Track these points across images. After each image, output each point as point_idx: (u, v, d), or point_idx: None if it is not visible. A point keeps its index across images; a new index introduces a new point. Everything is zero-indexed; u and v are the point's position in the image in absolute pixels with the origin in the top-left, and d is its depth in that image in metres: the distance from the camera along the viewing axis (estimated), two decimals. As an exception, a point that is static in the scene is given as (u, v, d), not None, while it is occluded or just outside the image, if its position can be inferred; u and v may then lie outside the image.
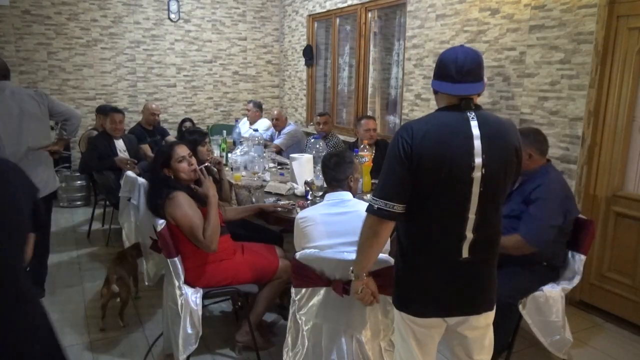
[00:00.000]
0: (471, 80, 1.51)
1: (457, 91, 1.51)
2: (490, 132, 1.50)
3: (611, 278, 3.06)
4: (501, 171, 1.52)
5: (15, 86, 3.16)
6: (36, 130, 3.01)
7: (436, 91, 1.60)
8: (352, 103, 5.57)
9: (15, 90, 2.98)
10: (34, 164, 2.99)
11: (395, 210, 1.50)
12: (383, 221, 1.53)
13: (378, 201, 1.51)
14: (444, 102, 1.56)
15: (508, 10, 3.39)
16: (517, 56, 3.35)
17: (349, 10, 5.32)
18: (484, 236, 1.55)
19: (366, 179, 3.09)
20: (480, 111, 1.54)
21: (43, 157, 3.10)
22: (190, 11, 6.30)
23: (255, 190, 3.15)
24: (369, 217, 1.55)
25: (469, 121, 1.49)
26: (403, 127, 1.54)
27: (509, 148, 1.54)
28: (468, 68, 1.50)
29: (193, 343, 2.31)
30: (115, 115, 4.31)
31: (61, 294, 3.33)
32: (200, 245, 2.31)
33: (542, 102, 3.21)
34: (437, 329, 1.66)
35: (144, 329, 2.89)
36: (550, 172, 2.45)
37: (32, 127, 2.98)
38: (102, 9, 5.82)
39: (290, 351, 2.15)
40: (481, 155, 1.47)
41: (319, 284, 2.05)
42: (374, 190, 1.55)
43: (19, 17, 5.45)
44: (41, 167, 3.06)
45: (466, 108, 1.51)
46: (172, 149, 2.47)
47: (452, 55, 1.53)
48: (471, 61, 1.52)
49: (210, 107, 6.69)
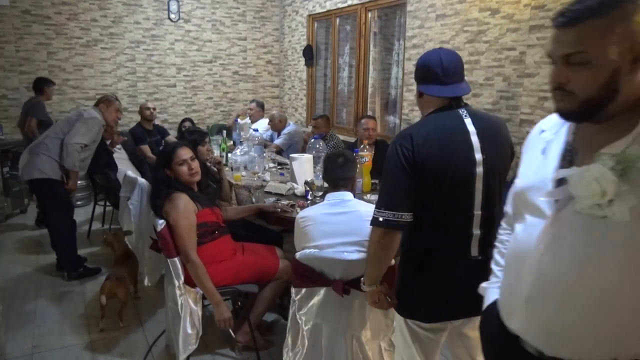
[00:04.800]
0: (459, 81, 1.55)
1: (450, 92, 1.53)
2: (484, 126, 1.52)
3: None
4: (500, 164, 1.55)
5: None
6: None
7: (421, 94, 1.60)
8: (352, 103, 5.57)
9: None
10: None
11: (404, 219, 1.48)
12: (391, 232, 1.51)
13: (384, 212, 1.48)
14: (433, 105, 1.57)
15: (508, 10, 3.39)
16: (517, 56, 3.35)
17: (349, 10, 5.32)
18: (490, 231, 1.55)
19: (366, 179, 3.09)
20: (469, 108, 1.57)
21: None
22: (190, 11, 6.30)
23: (255, 190, 3.15)
24: (376, 230, 1.53)
25: (463, 118, 1.52)
26: (400, 135, 1.53)
27: (503, 141, 1.58)
28: (454, 69, 1.53)
29: (193, 343, 2.31)
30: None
31: (61, 294, 3.33)
32: (180, 253, 2.33)
33: (542, 102, 3.21)
34: (442, 332, 1.65)
35: (144, 329, 2.89)
36: None
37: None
38: (102, 9, 5.82)
39: (290, 351, 2.15)
40: (480, 151, 1.49)
41: (319, 284, 2.05)
42: (378, 202, 1.52)
43: (19, 17, 5.45)
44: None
45: (457, 106, 1.54)
46: (174, 151, 2.47)
47: (436, 58, 1.54)
48: (455, 62, 1.55)
49: (210, 107, 6.69)
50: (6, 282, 3.48)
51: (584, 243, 0.95)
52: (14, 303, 3.14)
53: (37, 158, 3.39)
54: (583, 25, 0.92)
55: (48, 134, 3.50)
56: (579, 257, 0.95)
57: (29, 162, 3.40)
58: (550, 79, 1.01)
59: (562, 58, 0.96)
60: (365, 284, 1.67)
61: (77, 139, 3.41)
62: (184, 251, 2.30)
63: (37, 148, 3.42)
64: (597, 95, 0.93)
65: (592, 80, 0.93)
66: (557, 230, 0.98)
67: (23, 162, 3.46)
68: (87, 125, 3.46)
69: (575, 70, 0.95)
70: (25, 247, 4.13)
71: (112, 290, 2.76)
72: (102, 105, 3.67)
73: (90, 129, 3.48)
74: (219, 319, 2.32)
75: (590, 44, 0.92)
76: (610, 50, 0.91)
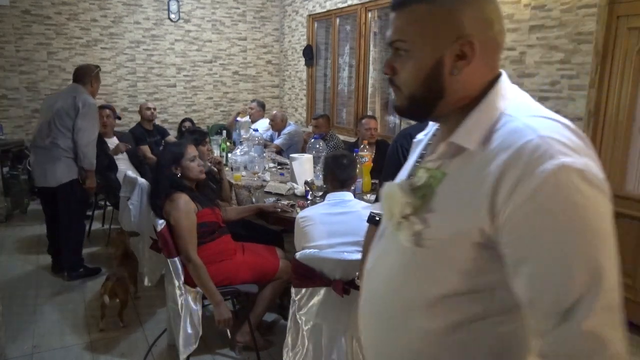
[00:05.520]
0: None
1: None
2: None
3: (611, 278, 3.06)
4: None
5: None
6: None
7: None
8: (352, 103, 5.57)
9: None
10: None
11: None
12: None
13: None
14: None
15: (508, 10, 3.38)
16: (517, 56, 3.35)
17: (349, 10, 5.32)
18: None
19: (366, 179, 3.09)
20: None
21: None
22: (190, 11, 6.30)
23: (255, 190, 3.15)
24: (372, 228, 1.52)
25: None
26: (401, 134, 1.53)
27: None
28: None
29: (193, 343, 2.31)
30: (101, 111, 4.27)
31: (61, 294, 3.33)
32: (180, 253, 2.32)
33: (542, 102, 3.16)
34: None
35: (144, 329, 2.89)
36: None
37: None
38: (102, 9, 5.82)
39: (290, 351, 2.15)
40: None
41: (319, 284, 2.05)
42: (375, 200, 1.53)
43: (19, 17, 5.45)
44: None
45: None
46: (185, 147, 2.48)
47: None
48: None
49: (210, 107, 6.68)
50: (6, 282, 3.48)
51: (393, 260, 0.89)
52: (14, 303, 3.14)
53: (58, 163, 3.34)
54: (406, 10, 0.81)
55: (55, 134, 3.34)
56: (387, 274, 0.90)
57: (50, 169, 3.35)
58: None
59: (390, 45, 0.85)
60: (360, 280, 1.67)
61: (87, 138, 3.36)
62: (185, 251, 2.30)
63: (52, 152, 3.34)
64: (420, 92, 0.82)
65: (414, 74, 0.82)
66: (383, 244, 0.94)
67: (39, 169, 3.40)
68: (88, 118, 3.36)
69: (399, 61, 0.83)
70: (25, 247, 4.13)
71: (113, 290, 2.76)
72: (94, 80, 3.50)
73: (92, 120, 3.41)
74: (219, 319, 2.32)
75: (409, 32, 0.81)
76: (430, 41, 0.79)
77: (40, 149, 3.40)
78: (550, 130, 0.72)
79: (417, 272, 0.84)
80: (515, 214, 0.69)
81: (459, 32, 0.78)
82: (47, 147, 3.36)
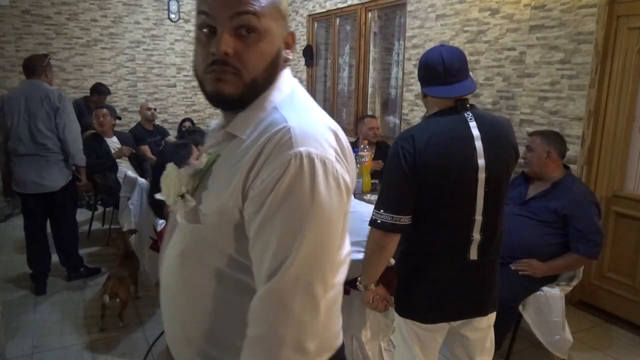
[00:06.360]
0: (463, 79, 1.50)
1: (453, 93, 1.49)
2: (490, 131, 1.49)
3: (611, 278, 3.06)
4: (503, 170, 1.52)
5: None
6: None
7: (425, 95, 1.58)
8: (352, 103, 5.57)
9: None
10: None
11: (403, 222, 1.47)
12: (389, 234, 1.50)
13: (383, 214, 1.47)
14: (437, 106, 1.53)
15: (508, 10, 3.38)
16: (517, 56, 3.35)
17: (349, 10, 5.32)
18: (491, 236, 1.54)
19: (366, 179, 3.09)
20: (476, 110, 1.53)
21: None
22: (190, 11, 6.30)
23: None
24: (374, 231, 1.51)
25: (468, 122, 1.48)
26: (402, 137, 1.50)
27: (508, 146, 1.54)
28: (457, 67, 1.49)
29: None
30: (98, 111, 4.27)
31: (61, 294, 3.32)
32: None
33: (542, 102, 3.21)
34: (441, 332, 1.65)
35: (144, 329, 2.89)
36: (576, 182, 2.53)
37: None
38: (102, 9, 5.82)
39: (290, 351, 2.14)
40: (484, 157, 1.46)
41: (319, 284, 2.04)
42: (377, 203, 1.51)
43: (19, 17, 5.45)
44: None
45: (462, 109, 1.50)
46: (191, 149, 2.49)
47: (437, 56, 1.50)
48: (458, 59, 1.50)
49: (210, 107, 6.66)
50: (6, 282, 3.48)
51: (175, 241, 0.95)
52: (14, 303, 3.14)
53: (54, 167, 3.24)
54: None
55: (42, 140, 3.19)
56: (172, 255, 0.95)
57: (47, 174, 3.23)
58: (202, 50, 0.83)
59: (232, 18, 0.79)
60: (361, 284, 1.67)
61: (74, 132, 3.27)
62: None
63: (46, 157, 3.21)
64: (262, 78, 0.83)
65: (263, 57, 0.82)
66: (171, 231, 1.00)
67: (32, 176, 3.21)
68: (67, 111, 3.23)
69: (243, 39, 0.80)
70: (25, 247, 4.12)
71: (113, 290, 2.76)
72: (47, 70, 3.30)
73: (72, 112, 3.30)
74: None
75: (262, 7, 0.81)
76: (277, 25, 0.83)
77: (27, 157, 3.20)
78: (303, 123, 0.80)
79: (195, 249, 0.89)
80: (254, 191, 0.77)
81: (284, 25, 0.88)
82: (37, 154, 3.20)
